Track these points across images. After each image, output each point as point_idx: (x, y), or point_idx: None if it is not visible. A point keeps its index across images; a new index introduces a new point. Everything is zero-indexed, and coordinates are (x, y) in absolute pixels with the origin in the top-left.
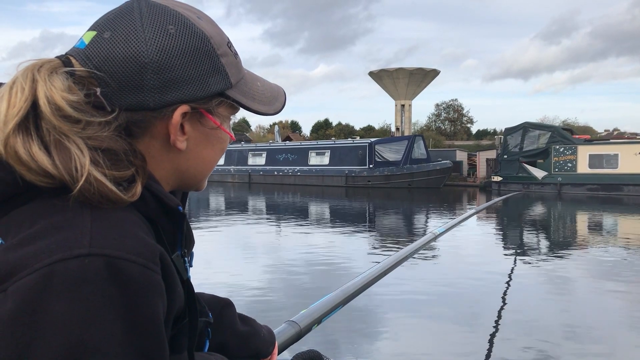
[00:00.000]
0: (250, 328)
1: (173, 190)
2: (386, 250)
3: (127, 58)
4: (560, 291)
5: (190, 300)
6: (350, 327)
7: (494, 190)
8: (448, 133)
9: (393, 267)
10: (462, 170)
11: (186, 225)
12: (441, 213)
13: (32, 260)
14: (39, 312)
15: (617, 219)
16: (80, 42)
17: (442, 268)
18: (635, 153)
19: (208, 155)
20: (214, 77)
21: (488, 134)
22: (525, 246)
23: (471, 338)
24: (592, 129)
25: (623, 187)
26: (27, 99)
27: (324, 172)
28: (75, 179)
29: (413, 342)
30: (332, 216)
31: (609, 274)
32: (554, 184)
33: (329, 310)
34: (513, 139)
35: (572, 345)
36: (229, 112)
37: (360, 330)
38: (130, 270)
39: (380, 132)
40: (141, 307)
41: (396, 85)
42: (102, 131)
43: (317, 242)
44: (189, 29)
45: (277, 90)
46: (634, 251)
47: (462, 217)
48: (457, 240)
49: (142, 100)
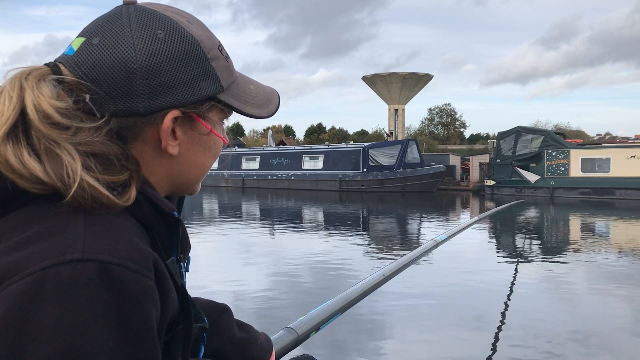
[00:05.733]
0: (248, 335)
1: (168, 195)
2: (384, 255)
3: (116, 64)
4: (564, 295)
5: (185, 306)
6: (350, 332)
7: (487, 195)
8: (441, 137)
9: (393, 274)
10: (455, 175)
11: (182, 230)
12: (435, 217)
13: (25, 264)
14: (31, 317)
15: (616, 223)
16: (69, 48)
17: (443, 273)
18: (627, 157)
19: (201, 160)
20: (204, 81)
21: (481, 138)
22: (526, 250)
23: (474, 343)
24: (584, 133)
25: (615, 190)
26: (14, 107)
27: (317, 177)
28: (68, 185)
29: (415, 348)
30: (327, 220)
31: (613, 278)
32: (547, 187)
33: (327, 317)
34: (506, 143)
35: (577, 349)
36: (221, 116)
37: (360, 335)
38: (124, 276)
39: (374, 136)
40: (134, 313)
41: (389, 90)
42: (93, 136)
43: (313, 247)
44: (179, 33)
45: (271, 93)
46: (635, 255)
47: (464, 225)
48: (457, 245)
49: (131, 106)
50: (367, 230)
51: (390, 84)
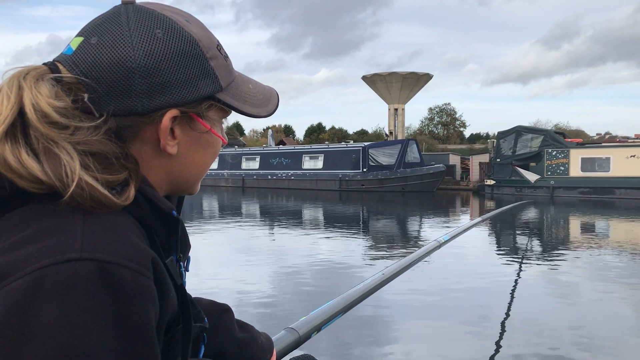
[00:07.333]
0: (248, 335)
1: (168, 194)
2: (385, 255)
3: (114, 63)
4: (568, 295)
5: (184, 306)
6: (351, 333)
7: (487, 194)
8: (441, 137)
9: (395, 275)
10: (455, 174)
11: (181, 230)
12: (435, 217)
13: (23, 264)
14: (29, 317)
15: (617, 223)
16: (67, 48)
17: (445, 273)
18: (627, 156)
19: (200, 159)
20: (203, 81)
21: (481, 138)
22: (529, 250)
23: (477, 344)
24: (584, 132)
25: (615, 190)
26: (13, 106)
27: (317, 176)
28: (66, 185)
29: (417, 348)
30: (327, 220)
31: (616, 278)
32: (547, 187)
33: (329, 317)
34: (506, 143)
35: (580, 350)
36: (220, 115)
37: (362, 336)
38: (122, 275)
39: (374, 136)
40: (132, 312)
41: (389, 90)
42: (91, 135)
43: (314, 247)
44: (177, 32)
45: (270, 92)
46: (638, 255)
47: (467, 225)
48: (459, 245)
49: (130, 105)
50: (367, 230)
51: (390, 83)
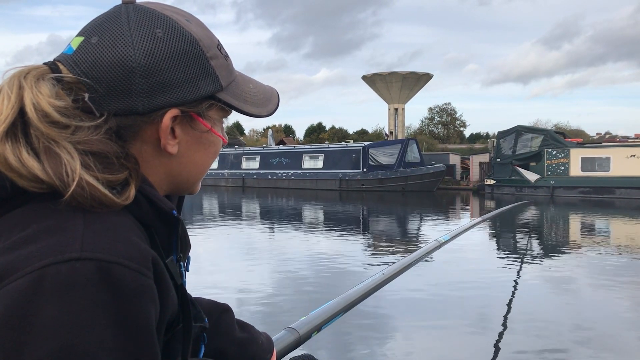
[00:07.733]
0: (249, 335)
1: (168, 194)
2: (385, 254)
3: (114, 63)
4: (568, 294)
5: (184, 306)
6: (352, 333)
7: (487, 194)
8: (441, 137)
9: (396, 275)
10: (455, 174)
11: (182, 230)
12: (435, 217)
13: (23, 263)
14: (29, 316)
15: (617, 223)
16: (68, 47)
17: (445, 273)
18: (627, 156)
19: (200, 159)
20: (203, 80)
21: (481, 138)
22: (529, 250)
23: (477, 343)
24: (584, 132)
25: (615, 190)
26: (13, 106)
27: (317, 176)
28: (67, 184)
29: (418, 348)
30: (327, 220)
31: (616, 277)
32: (547, 187)
33: (329, 317)
34: (506, 143)
35: (581, 349)
36: (221, 115)
37: (362, 336)
38: (122, 275)
39: (374, 136)
40: (132, 312)
41: (389, 89)
42: (92, 135)
43: (314, 247)
44: (177, 32)
45: (271, 92)
46: (638, 254)
47: (467, 225)
48: (459, 245)
49: (130, 105)
50: (367, 230)
51: (390, 83)
